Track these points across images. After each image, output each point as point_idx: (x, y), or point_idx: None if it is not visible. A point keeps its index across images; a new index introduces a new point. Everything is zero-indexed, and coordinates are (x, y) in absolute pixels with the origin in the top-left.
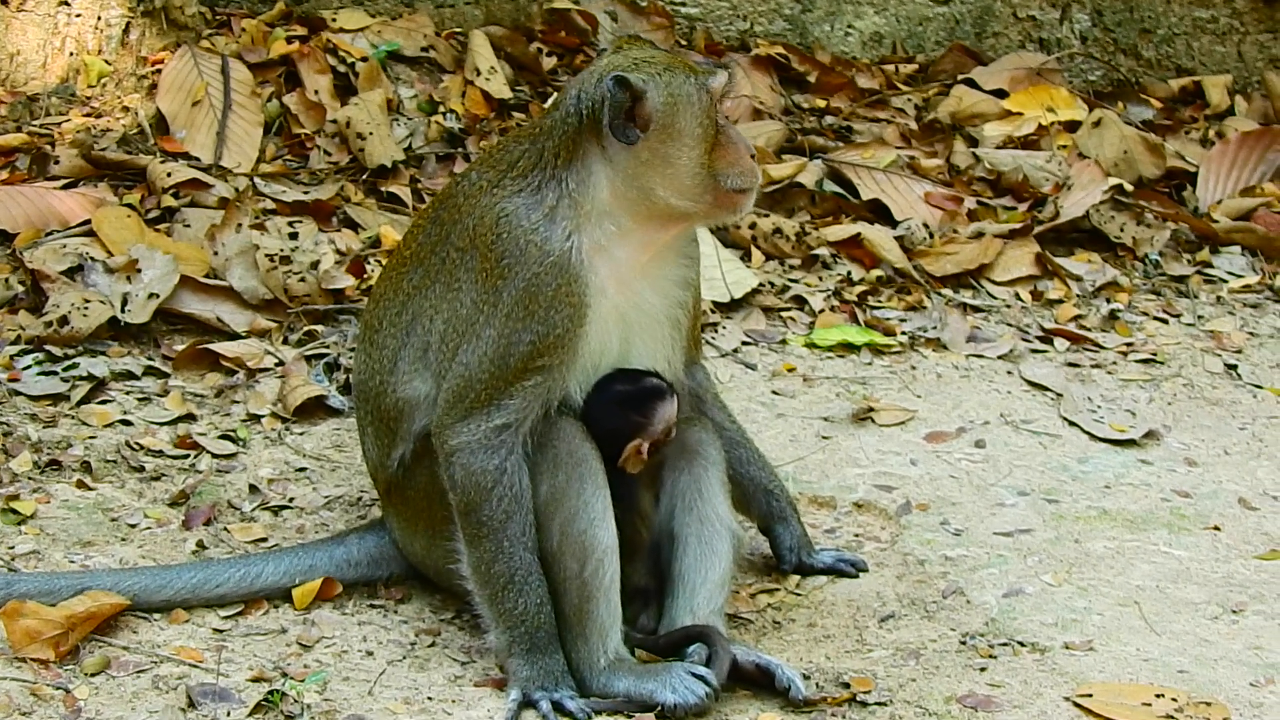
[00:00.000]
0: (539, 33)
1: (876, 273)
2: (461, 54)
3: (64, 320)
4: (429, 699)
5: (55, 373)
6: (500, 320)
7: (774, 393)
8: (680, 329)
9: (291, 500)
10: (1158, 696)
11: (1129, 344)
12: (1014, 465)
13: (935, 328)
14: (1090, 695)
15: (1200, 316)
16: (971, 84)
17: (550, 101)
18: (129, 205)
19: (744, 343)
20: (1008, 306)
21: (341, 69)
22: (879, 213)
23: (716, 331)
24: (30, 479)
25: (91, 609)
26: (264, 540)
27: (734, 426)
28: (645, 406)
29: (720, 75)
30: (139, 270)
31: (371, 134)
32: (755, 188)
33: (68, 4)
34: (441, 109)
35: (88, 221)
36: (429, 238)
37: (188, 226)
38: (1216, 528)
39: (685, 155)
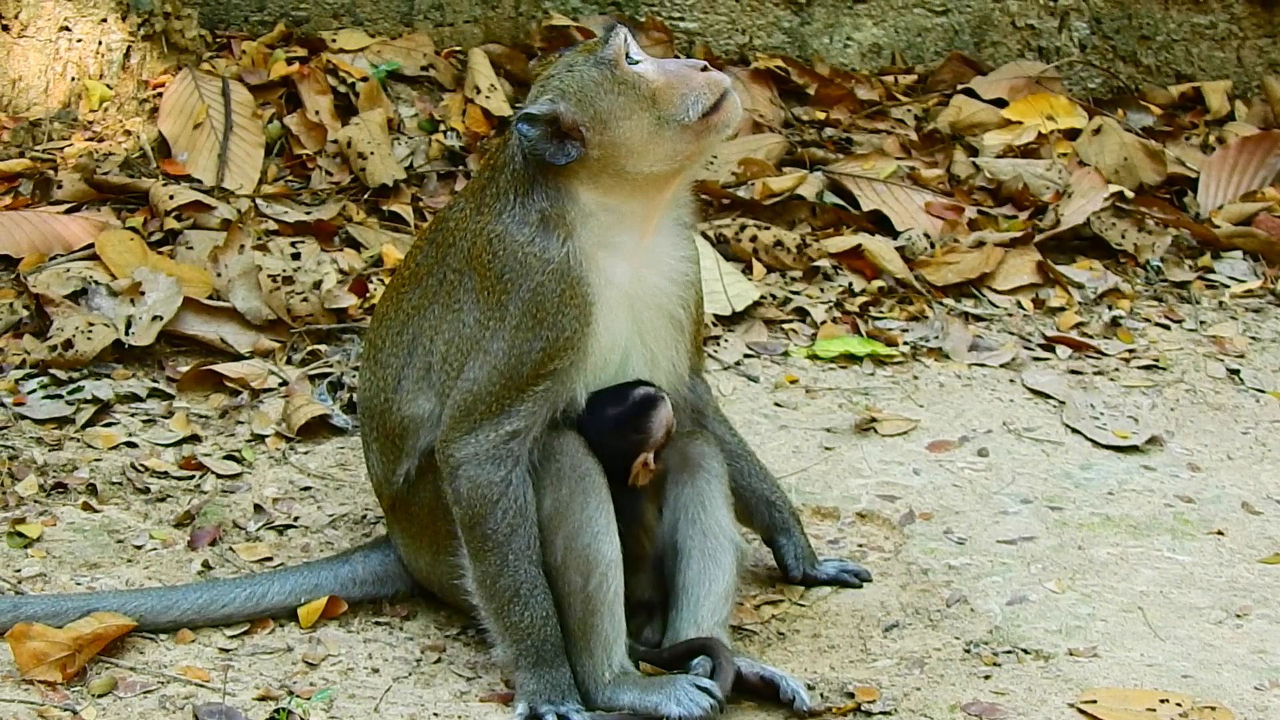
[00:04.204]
0: (538, 50)
1: (878, 283)
2: (461, 72)
3: (68, 344)
4: (435, 715)
5: (60, 396)
6: (509, 333)
7: (776, 404)
8: (684, 332)
9: (296, 519)
10: (1162, 702)
11: (1131, 350)
12: (1017, 473)
13: (937, 337)
14: (1095, 701)
15: (1202, 322)
16: (971, 93)
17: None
18: (132, 228)
19: (746, 355)
20: (1009, 315)
21: (342, 89)
22: (880, 224)
23: (719, 344)
24: (36, 502)
25: (98, 630)
26: (269, 560)
27: (735, 439)
28: (641, 421)
29: (614, 37)
30: (142, 293)
31: (372, 153)
32: (724, 91)
33: (69, 29)
34: (442, 127)
35: (91, 245)
36: (426, 259)
37: (190, 248)
38: (1220, 532)
39: (632, 126)
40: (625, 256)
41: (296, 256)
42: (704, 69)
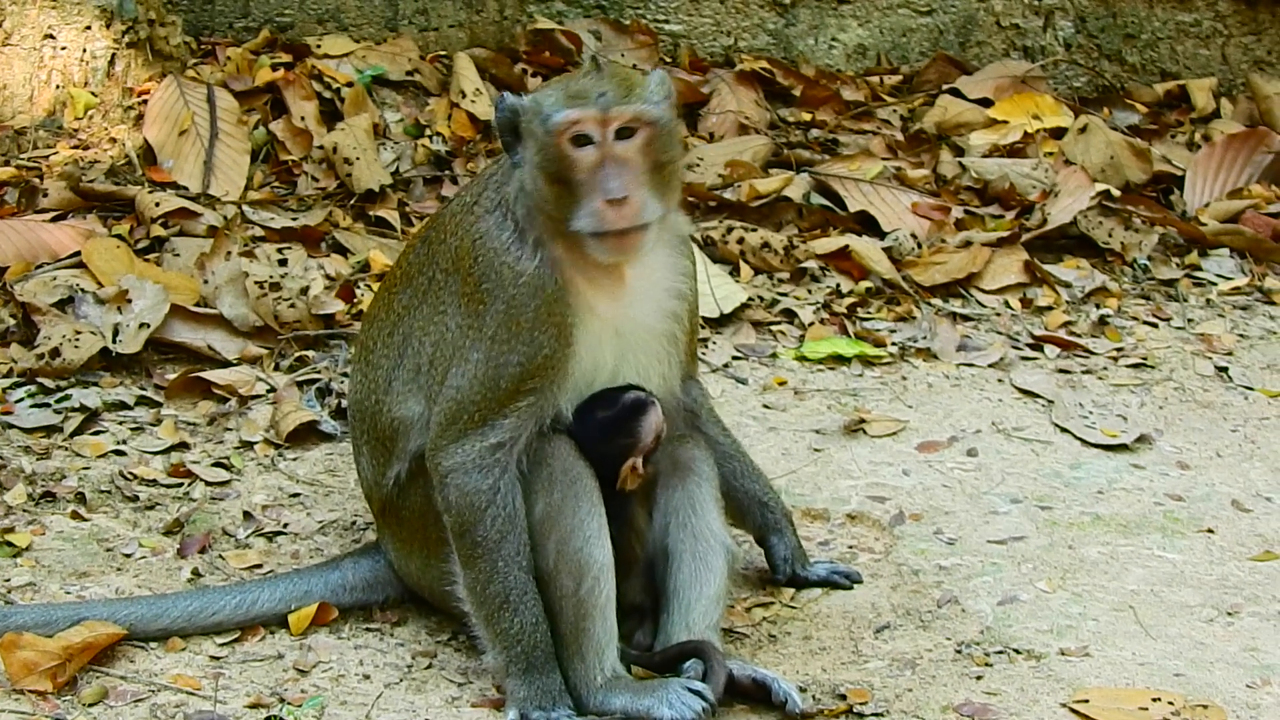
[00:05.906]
0: (523, 54)
1: (865, 284)
2: (446, 77)
3: (55, 352)
4: None
5: (48, 405)
6: (486, 344)
7: (765, 406)
8: (677, 344)
9: (286, 526)
10: (1154, 700)
11: (1119, 349)
12: (1006, 473)
13: (925, 338)
14: (1087, 701)
15: (1190, 320)
16: (956, 93)
17: None
18: (118, 236)
19: (734, 357)
20: (997, 315)
21: (327, 95)
22: (867, 224)
23: (707, 347)
24: (25, 511)
25: (88, 639)
26: (259, 567)
27: (728, 440)
28: (630, 425)
29: (561, 113)
30: (129, 300)
31: (358, 159)
32: (621, 231)
33: (53, 37)
34: (428, 132)
35: (77, 253)
36: (418, 258)
37: (177, 256)
38: (1210, 530)
39: (536, 179)
40: (607, 287)
41: (283, 263)
42: (620, 200)
